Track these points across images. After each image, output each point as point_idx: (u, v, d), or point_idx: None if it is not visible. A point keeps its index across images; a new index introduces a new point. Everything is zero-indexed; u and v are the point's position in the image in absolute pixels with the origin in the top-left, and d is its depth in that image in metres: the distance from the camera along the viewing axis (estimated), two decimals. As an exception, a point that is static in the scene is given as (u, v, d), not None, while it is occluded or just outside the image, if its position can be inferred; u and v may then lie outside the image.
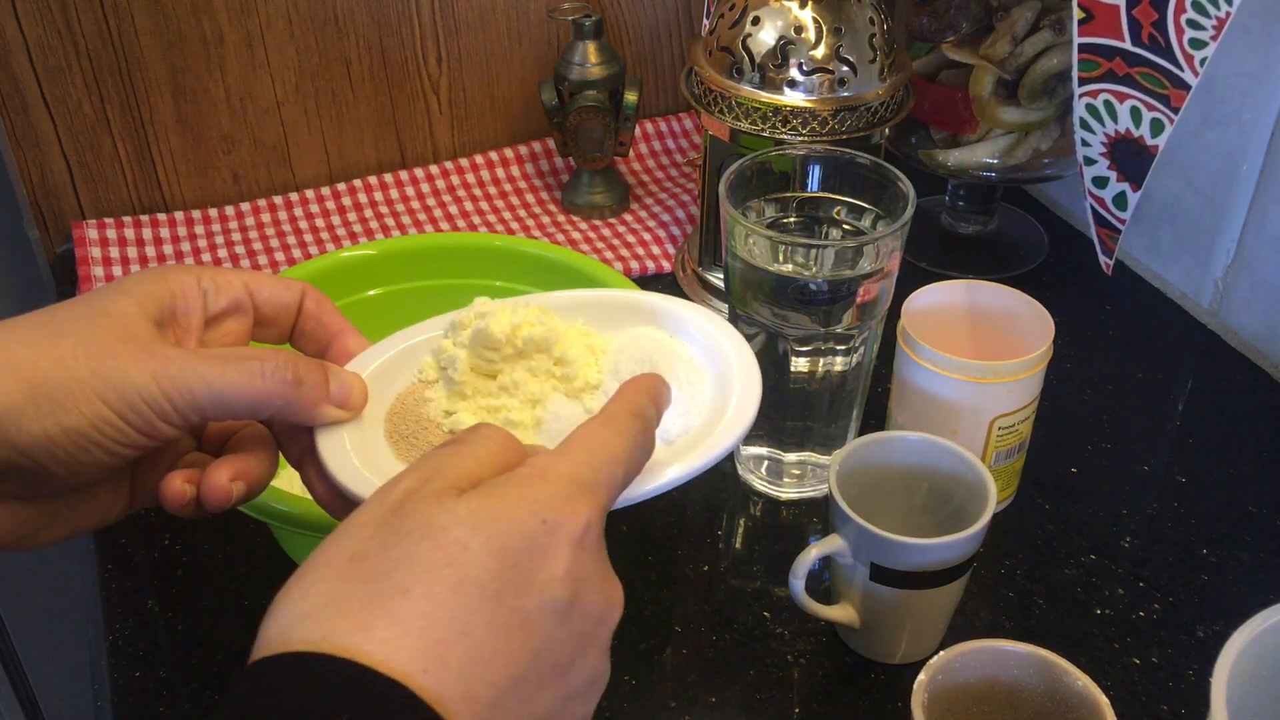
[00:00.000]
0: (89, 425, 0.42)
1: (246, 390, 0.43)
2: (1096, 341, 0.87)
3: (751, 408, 0.49)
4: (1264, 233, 0.83)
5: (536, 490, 0.38)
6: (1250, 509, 0.73)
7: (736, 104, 0.80)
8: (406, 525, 0.36)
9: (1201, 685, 0.63)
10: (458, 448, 0.39)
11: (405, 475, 0.38)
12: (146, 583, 0.69)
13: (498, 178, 1.05)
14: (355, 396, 0.48)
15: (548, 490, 0.38)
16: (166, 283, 0.46)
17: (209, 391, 0.43)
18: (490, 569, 0.35)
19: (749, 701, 0.63)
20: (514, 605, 0.36)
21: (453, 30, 1.01)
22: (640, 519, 0.73)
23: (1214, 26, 0.69)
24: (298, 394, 0.45)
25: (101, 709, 0.63)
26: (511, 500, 0.37)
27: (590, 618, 0.38)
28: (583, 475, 0.39)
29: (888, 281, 0.67)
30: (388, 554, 0.35)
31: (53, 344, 0.42)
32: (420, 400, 0.49)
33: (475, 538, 0.36)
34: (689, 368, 0.51)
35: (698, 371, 0.52)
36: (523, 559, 0.36)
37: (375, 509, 0.37)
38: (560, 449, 0.40)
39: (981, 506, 0.60)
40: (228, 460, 0.47)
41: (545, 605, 0.36)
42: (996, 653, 0.54)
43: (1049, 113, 0.87)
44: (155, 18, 0.91)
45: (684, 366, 0.51)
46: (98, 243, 0.94)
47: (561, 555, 0.37)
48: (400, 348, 0.52)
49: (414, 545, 0.35)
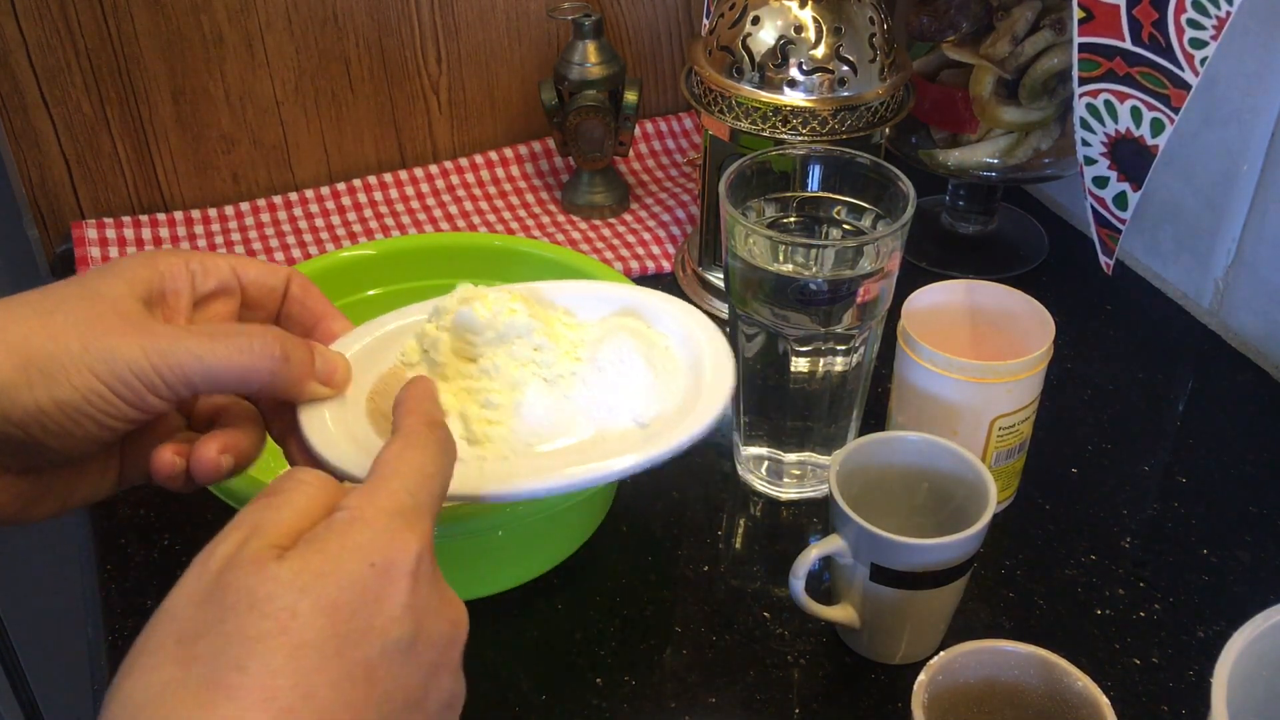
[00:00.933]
0: (80, 398, 0.42)
1: (234, 364, 0.45)
2: (1096, 341, 0.87)
3: (724, 395, 0.51)
4: (1264, 233, 0.82)
5: (358, 535, 0.37)
6: (1250, 509, 0.73)
7: (736, 104, 0.80)
8: (230, 598, 0.35)
9: (1202, 685, 0.63)
10: (272, 499, 0.39)
11: (221, 539, 0.37)
12: (146, 583, 0.69)
13: (498, 177, 1.05)
14: (339, 374, 0.50)
15: (369, 532, 0.37)
16: (155, 265, 0.47)
17: (198, 365, 0.44)
18: (325, 629, 0.35)
19: (749, 702, 0.63)
20: (355, 657, 0.35)
21: (452, 30, 1.01)
22: (640, 519, 0.73)
23: (1214, 26, 0.69)
24: (285, 369, 0.46)
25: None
26: (334, 552, 0.36)
27: (436, 646, 0.38)
28: (403, 504, 0.39)
29: (888, 281, 0.67)
30: (218, 630, 0.34)
31: (45, 320, 0.43)
32: (401, 381, 0.51)
33: (303, 601, 0.35)
34: (665, 356, 0.54)
35: (673, 360, 0.54)
36: (358, 610, 0.36)
37: (196, 582, 0.36)
38: (373, 482, 0.39)
39: (981, 507, 0.60)
40: (216, 435, 0.48)
41: (388, 648, 0.36)
42: (996, 653, 0.54)
43: (1049, 113, 0.87)
44: (155, 17, 0.91)
45: (661, 355, 0.54)
46: (97, 242, 0.94)
47: (398, 593, 0.37)
48: (384, 331, 0.54)
49: (242, 618, 0.34)
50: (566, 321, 0.54)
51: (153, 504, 0.74)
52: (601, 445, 0.50)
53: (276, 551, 0.36)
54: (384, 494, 0.39)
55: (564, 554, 0.68)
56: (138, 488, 0.75)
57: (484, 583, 0.66)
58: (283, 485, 0.39)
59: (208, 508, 0.62)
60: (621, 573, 0.70)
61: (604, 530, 0.71)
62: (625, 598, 0.68)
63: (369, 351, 0.52)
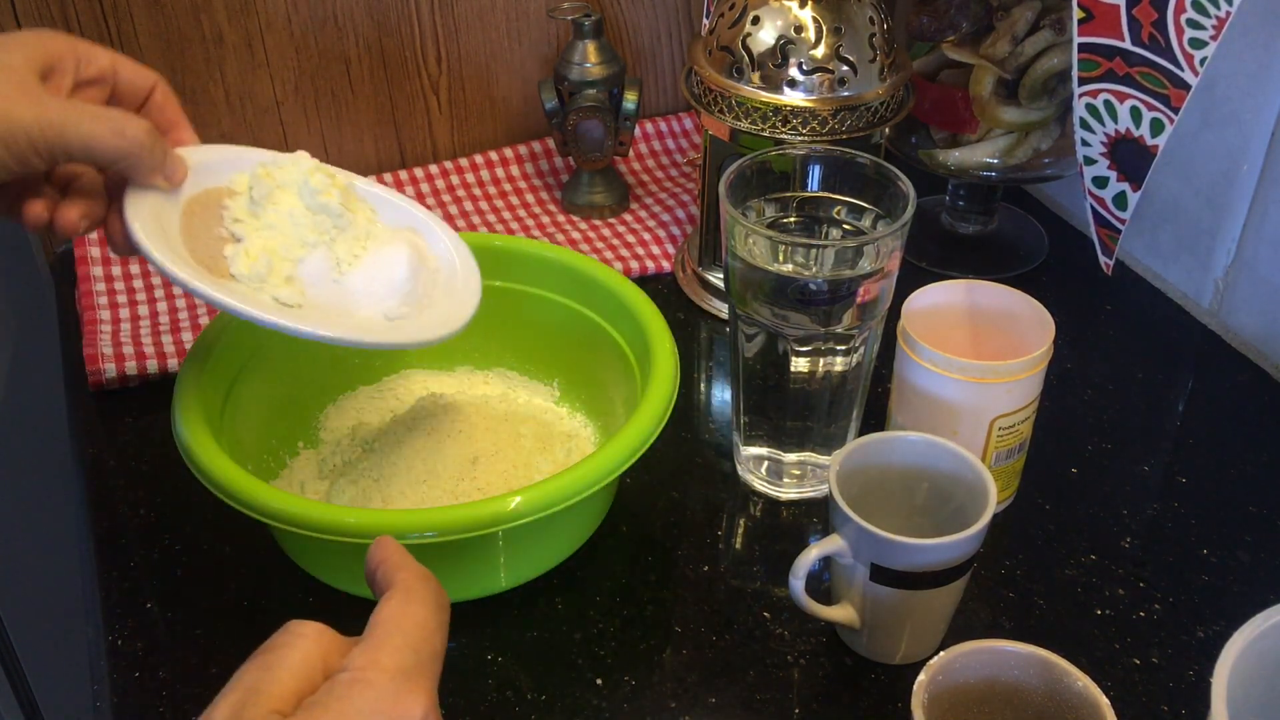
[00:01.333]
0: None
1: (108, 144, 0.53)
2: (1096, 341, 0.87)
3: (453, 322, 0.64)
4: (1264, 233, 0.82)
5: (362, 698, 0.36)
6: (1250, 509, 0.73)
7: (736, 104, 0.80)
8: None
9: (1202, 685, 0.63)
10: (267, 658, 0.38)
11: (218, 702, 0.37)
12: (146, 583, 0.69)
13: (498, 178, 1.05)
14: (178, 175, 0.59)
15: (374, 694, 0.37)
16: (46, 45, 0.54)
17: (80, 139, 0.52)
18: None
19: (749, 702, 0.63)
20: None
21: (452, 30, 1.01)
22: (640, 519, 0.73)
23: (1214, 26, 0.69)
24: (144, 156, 0.55)
25: (101, 709, 0.63)
26: (338, 717, 0.36)
27: None
28: (406, 662, 0.38)
29: (888, 281, 0.67)
30: None
31: None
32: (219, 203, 0.61)
33: None
34: (429, 275, 0.65)
35: (434, 281, 0.66)
36: None
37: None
38: (376, 639, 0.39)
39: (981, 507, 0.60)
40: (77, 202, 0.57)
41: None
42: (996, 653, 0.54)
43: (1049, 113, 0.87)
44: (155, 18, 0.91)
45: (426, 273, 0.65)
46: (97, 243, 0.93)
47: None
48: (222, 155, 0.62)
49: None
50: (369, 217, 0.65)
51: (153, 504, 0.74)
52: (347, 319, 0.61)
53: (276, 718, 0.36)
54: (387, 652, 0.38)
55: (564, 554, 0.68)
56: (138, 488, 0.75)
57: (484, 583, 0.66)
58: (278, 642, 0.39)
59: (208, 507, 0.62)
60: (621, 573, 0.70)
61: (604, 530, 0.71)
62: (625, 598, 0.68)
63: (206, 166, 0.61)
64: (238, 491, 0.60)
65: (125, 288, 0.90)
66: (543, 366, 0.80)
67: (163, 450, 0.75)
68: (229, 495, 0.60)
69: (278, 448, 0.73)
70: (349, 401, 0.78)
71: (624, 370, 0.73)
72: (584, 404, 0.78)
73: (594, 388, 0.77)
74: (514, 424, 0.75)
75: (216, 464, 0.61)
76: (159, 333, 0.86)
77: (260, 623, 0.66)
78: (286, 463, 0.73)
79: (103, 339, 0.84)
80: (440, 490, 0.70)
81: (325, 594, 0.67)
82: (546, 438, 0.74)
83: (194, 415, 0.64)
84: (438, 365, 0.81)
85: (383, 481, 0.70)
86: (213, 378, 0.68)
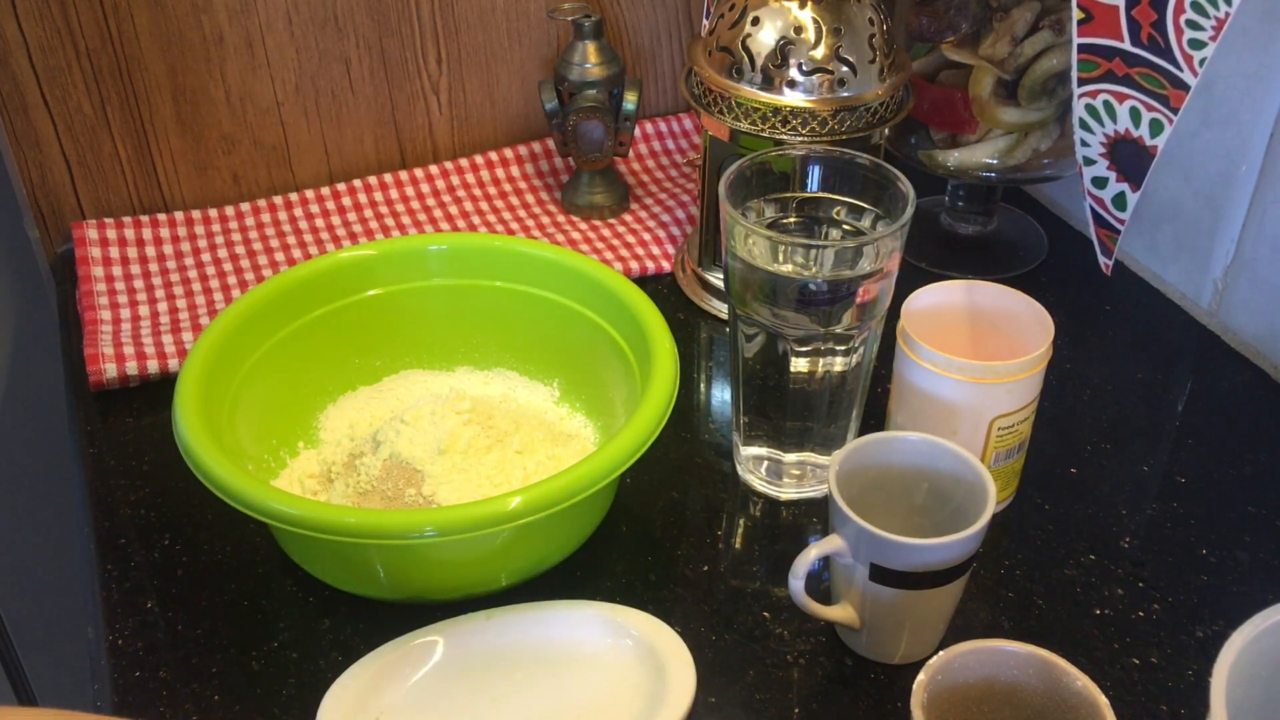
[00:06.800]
0: None
1: None
2: (1096, 341, 0.87)
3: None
4: (1264, 233, 0.83)
5: None
6: (1250, 509, 0.73)
7: (736, 104, 0.80)
8: None
9: (1201, 685, 0.63)
10: None
11: None
12: (146, 583, 0.69)
13: (498, 178, 1.05)
14: None
15: None
16: None
17: None
18: None
19: (749, 702, 0.63)
20: None
21: (453, 30, 1.01)
22: (640, 519, 0.73)
23: (1213, 27, 0.69)
24: None
25: (102, 709, 0.63)
26: None
27: None
28: None
29: (887, 281, 0.67)
30: None
31: None
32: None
33: None
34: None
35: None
36: None
37: None
38: None
39: (981, 507, 0.60)
40: None
41: None
42: (996, 653, 0.54)
43: (1049, 113, 0.87)
44: (155, 18, 0.91)
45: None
46: (98, 243, 0.94)
47: None
48: None
49: None
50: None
51: (153, 504, 0.74)
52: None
53: None
54: None
55: (564, 554, 0.68)
56: (138, 488, 0.75)
57: (484, 583, 0.66)
58: None
59: (208, 508, 0.62)
60: (621, 573, 0.70)
61: (604, 530, 0.71)
62: (625, 598, 0.68)
63: None
64: (238, 491, 0.60)
65: (125, 288, 0.90)
66: (543, 366, 0.80)
67: (163, 450, 0.75)
68: (229, 495, 0.60)
69: (278, 448, 0.73)
70: (349, 401, 0.78)
71: (624, 370, 0.73)
72: (584, 404, 0.78)
73: (594, 388, 0.77)
74: (514, 424, 0.75)
75: (216, 464, 0.61)
76: (159, 333, 0.86)
77: (260, 623, 0.66)
78: (286, 463, 0.73)
79: (103, 339, 0.84)
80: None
81: (325, 594, 0.67)
82: (546, 438, 0.74)
83: (194, 415, 0.64)
84: (438, 365, 0.81)
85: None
86: (213, 378, 0.68)
